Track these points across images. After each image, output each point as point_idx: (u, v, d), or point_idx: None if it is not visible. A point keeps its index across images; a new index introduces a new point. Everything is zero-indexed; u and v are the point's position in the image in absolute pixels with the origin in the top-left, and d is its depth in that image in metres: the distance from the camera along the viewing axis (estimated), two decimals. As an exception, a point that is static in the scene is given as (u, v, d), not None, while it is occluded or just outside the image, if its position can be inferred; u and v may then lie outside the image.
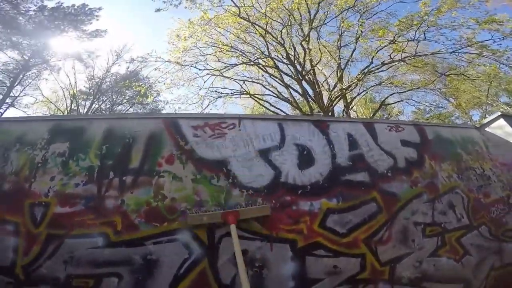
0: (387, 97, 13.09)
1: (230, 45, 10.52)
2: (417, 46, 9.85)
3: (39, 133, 2.85)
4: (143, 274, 2.37)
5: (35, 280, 2.27)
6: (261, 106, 12.26)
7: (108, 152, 2.82)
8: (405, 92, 12.42)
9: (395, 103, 14.60)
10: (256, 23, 9.76)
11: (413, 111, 17.34)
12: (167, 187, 2.72)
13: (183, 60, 9.99)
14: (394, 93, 12.59)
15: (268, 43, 10.39)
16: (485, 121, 4.57)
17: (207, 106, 10.83)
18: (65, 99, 16.32)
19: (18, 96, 14.85)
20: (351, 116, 13.43)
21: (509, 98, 22.03)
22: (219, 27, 9.78)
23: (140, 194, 2.66)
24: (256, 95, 12.21)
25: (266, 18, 9.44)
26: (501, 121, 4.32)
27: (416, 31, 9.34)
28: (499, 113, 4.37)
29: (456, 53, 10.02)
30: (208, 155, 2.96)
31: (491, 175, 3.95)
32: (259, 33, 9.80)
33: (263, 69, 11.20)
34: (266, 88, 12.01)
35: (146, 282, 2.35)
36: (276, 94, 11.87)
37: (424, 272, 3.02)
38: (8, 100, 14.01)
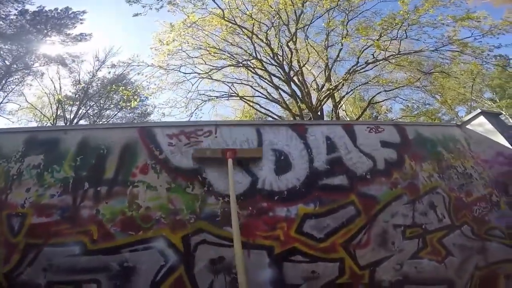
0: (374, 96, 13.28)
1: (217, 47, 10.47)
2: (399, 45, 9.91)
3: (14, 145, 2.86)
4: (121, 281, 2.41)
5: (18, 286, 2.33)
6: (251, 108, 12.29)
7: (83, 163, 2.84)
8: (391, 90, 12.57)
9: (383, 101, 14.78)
10: (242, 25, 9.74)
11: (402, 108, 17.50)
12: (142, 196, 2.74)
13: (167, 64, 9.87)
14: (381, 92, 12.78)
15: (255, 45, 10.34)
16: (466, 118, 4.55)
17: (195, 109, 10.77)
18: (51, 105, 16.07)
19: (1, 103, 14.64)
20: (340, 115, 13.61)
21: (493, 94, 22.72)
22: (204, 30, 9.72)
23: (115, 204, 2.67)
24: (245, 97, 12.27)
25: (252, 20, 9.41)
26: (482, 118, 4.31)
27: (398, 30, 9.36)
28: (479, 111, 4.35)
29: (438, 51, 10.10)
30: (183, 164, 2.96)
31: (473, 173, 3.93)
32: (246, 34, 9.78)
33: (252, 71, 11.19)
34: (256, 90, 12.07)
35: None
36: (265, 96, 11.86)
37: (405, 274, 3.01)
38: (-10, 107, 13.70)
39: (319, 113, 10.29)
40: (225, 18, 9.08)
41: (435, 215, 3.42)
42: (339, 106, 13.29)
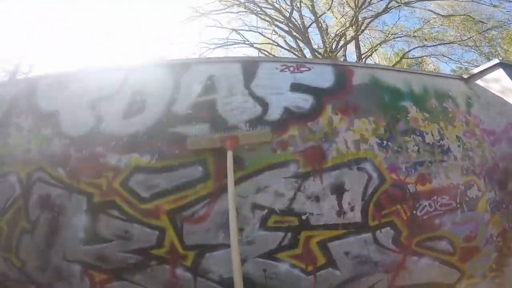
0: (409, 51, 11.51)
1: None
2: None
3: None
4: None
5: None
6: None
7: None
8: (433, 46, 10.72)
9: (421, 57, 12.71)
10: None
11: (453, 70, 13.76)
12: None
13: None
14: (419, 47, 11.03)
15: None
16: (477, 70, 2.68)
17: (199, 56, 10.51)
18: None
19: None
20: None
21: None
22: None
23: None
24: (257, 44, 11.18)
25: None
26: (500, 72, 2.56)
27: None
28: (497, 61, 2.59)
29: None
30: None
31: (454, 147, 2.22)
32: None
33: (262, 17, 9.88)
34: (266, 37, 10.86)
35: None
36: (277, 44, 10.41)
37: (246, 275, 2.13)
38: None
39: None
40: None
41: (336, 204, 2.11)
42: (364, 57, 10.97)
